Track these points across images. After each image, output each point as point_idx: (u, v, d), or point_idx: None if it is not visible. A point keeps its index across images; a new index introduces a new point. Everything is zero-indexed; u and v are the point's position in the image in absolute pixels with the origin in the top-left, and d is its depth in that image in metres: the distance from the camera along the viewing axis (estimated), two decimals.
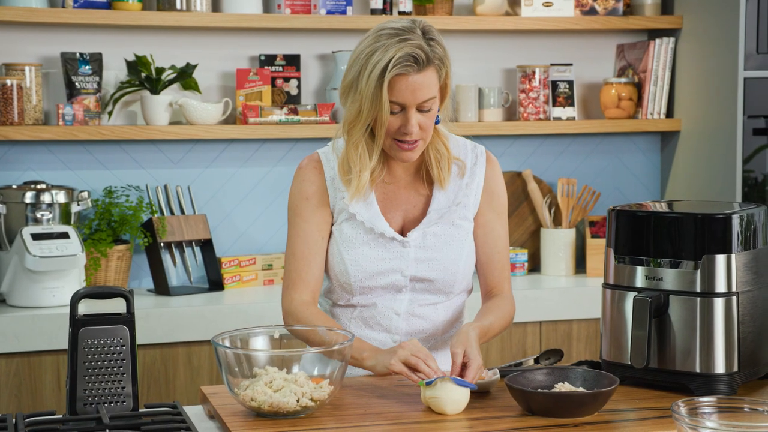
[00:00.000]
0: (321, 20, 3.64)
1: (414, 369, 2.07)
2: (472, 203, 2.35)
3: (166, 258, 3.59)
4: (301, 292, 2.31)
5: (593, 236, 3.86)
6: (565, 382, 2.06)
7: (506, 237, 2.39)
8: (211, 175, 3.72)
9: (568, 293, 3.62)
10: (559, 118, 3.93)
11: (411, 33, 2.17)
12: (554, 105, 3.93)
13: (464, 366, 2.09)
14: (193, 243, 3.64)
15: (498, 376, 2.14)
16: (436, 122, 2.28)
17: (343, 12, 3.67)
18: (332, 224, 2.33)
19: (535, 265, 3.94)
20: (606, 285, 2.21)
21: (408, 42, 2.15)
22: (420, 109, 2.20)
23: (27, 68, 3.46)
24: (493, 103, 3.87)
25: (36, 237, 3.25)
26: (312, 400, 1.96)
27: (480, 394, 2.12)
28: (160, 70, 3.56)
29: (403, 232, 2.33)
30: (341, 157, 2.29)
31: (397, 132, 2.21)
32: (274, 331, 2.15)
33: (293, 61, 3.74)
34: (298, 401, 1.95)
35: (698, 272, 2.09)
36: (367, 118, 2.20)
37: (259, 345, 2.12)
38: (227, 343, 2.06)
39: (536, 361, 2.37)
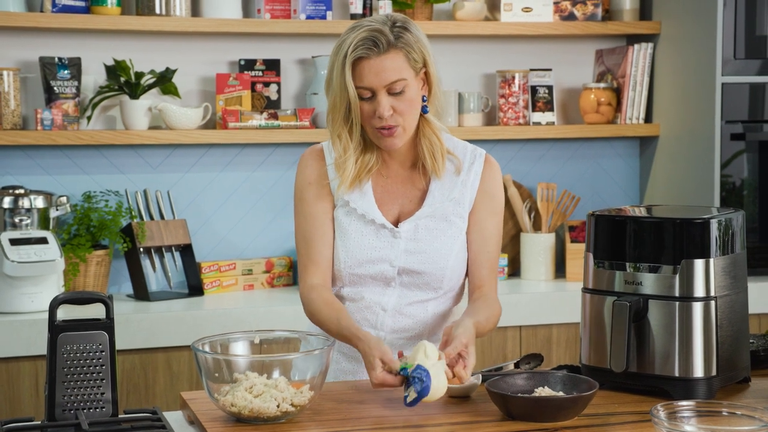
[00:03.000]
0: (301, 25, 3.64)
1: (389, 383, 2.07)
2: (467, 201, 2.36)
3: (146, 263, 3.58)
4: (312, 275, 2.32)
5: (573, 241, 3.87)
6: (545, 387, 2.07)
7: (498, 239, 2.39)
8: (190, 179, 3.71)
9: (548, 298, 3.63)
10: (538, 123, 3.94)
11: (376, 23, 2.23)
12: (534, 110, 3.94)
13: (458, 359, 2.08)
14: (173, 248, 3.63)
15: (479, 380, 2.15)
16: (425, 112, 2.30)
17: (323, 17, 3.67)
18: (334, 207, 2.34)
19: (515, 270, 3.94)
20: (585, 289, 2.22)
21: (366, 28, 2.21)
22: (390, 92, 2.23)
23: (5, 73, 3.45)
24: (473, 108, 3.88)
25: (14, 242, 3.23)
26: (292, 405, 1.96)
27: (460, 398, 2.13)
28: (139, 75, 3.55)
29: (396, 224, 2.34)
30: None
31: (373, 118, 2.24)
32: (255, 336, 2.14)
33: (273, 65, 3.74)
34: (278, 406, 1.94)
35: (677, 277, 2.10)
36: (340, 107, 2.24)
37: (239, 350, 2.12)
38: (207, 348, 2.06)
39: (516, 365, 2.38)
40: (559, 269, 3.93)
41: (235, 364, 2.00)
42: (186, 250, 3.63)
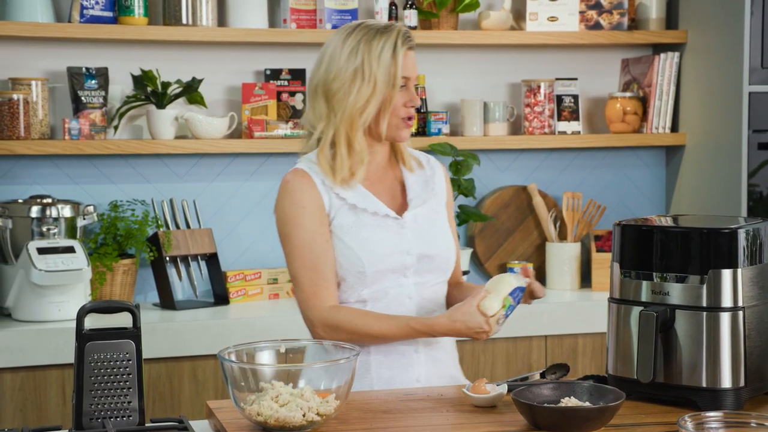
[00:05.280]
0: (326, 35, 3.64)
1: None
2: (440, 195, 2.49)
3: (172, 272, 3.59)
4: (325, 299, 2.34)
5: (598, 250, 3.86)
6: (572, 397, 2.06)
7: (454, 233, 2.52)
8: (216, 189, 3.72)
9: (574, 307, 3.61)
10: (564, 132, 3.94)
11: (390, 22, 2.45)
12: (559, 119, 3.94)
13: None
14: (199, 257, 3.65)
15: (505, 390, 2.14)
16: None
17: None
18: (330, 225, 2.36)
19: (540, 279, 3.92)
20: (612, 299, 2.21)
21: (397, 25, 2.38)
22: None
23: (33, 83, 3.47)
24: (498, 117, 3.88)
25: (42, 251, 3.25)
26: (318, 414, 1.96)
27: (486, 408, 2.12)
28: (165, 85, 3.57)
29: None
30: (332, 153, 2.37)
31: (403, 107, 2.36)
32: (281, 346, 2.14)
33: (299, 75, 3.75)
34: (304, 416, 1.94)
35: (704, 287, 2.09)
36: (380, 98, 2.33)
37: (265, 359, 2.12)
38: (233, 357, 2.06)
39: (542, 375, 2.37)
40: (585, 279, 3.91)
41: (261, 373, 2.00)
42: (212, 259, 3.65)
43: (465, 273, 3.62)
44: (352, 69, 2.33)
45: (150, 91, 3.56)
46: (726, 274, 2.08)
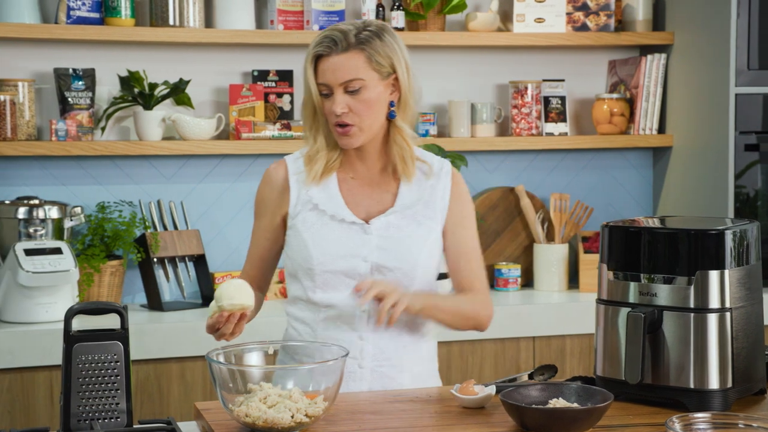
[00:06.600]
0: (314, 36, 3.63)
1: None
2: (439, 207, 2.39)
3: (159, 273, 3.59)
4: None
5: (586, 251, 3.87)
6: (560, 398, 2.06)
7: (473, 240, 2.43)
8: (204, 190, 3.72)
9: (561, 308, 3.62)
10: (551, 134, 3.94)
11: (345, 25, 2.33)
12: (546, 120, 3.94)
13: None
14: (186, 258, 3.64)
15: (493, 391, 2.15)
16: (392, 116, 2.35)
17: None
18: (284, 221, 2.40)
19: (528, 281, 3.94)
20: (600, 301, 2.22)
21: (331, 28, 2.33)
22: (347, 91, 2.30)
23: (20, 84, 3.46)
24: (486, 118, 3.88)
25: (29, 252, 3.24)
26: (306, 416, 1.96)
27: (474, 409, 2.12)
28: (153, 86, 3.56)
29: (367, 222, 2.37)
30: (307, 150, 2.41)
31: (331, 115, 2.32)
32: (269, 347, 2.15)
33: (286, 76, 3.75)
34: (292, 417, 1.94)
35: (692, 288, 2.10)
36: (308, 102, 2.34)
37: (254, 361, 2.12)
38: (222, 358, 2.06)
39: (530, 376, 2.37)
40: (572, 280, 3.92)
41: (249, 374, 2.00)
42: (199, 261, 3.64)
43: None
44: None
45: (137, 93, 3.56)
46: (713, 275, 2.09)
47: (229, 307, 2.13)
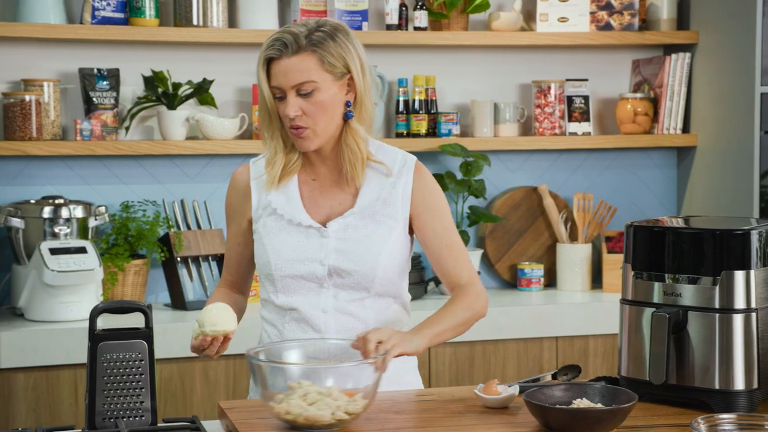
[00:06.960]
0: None
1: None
2: (400, 203, 2.35)
3: (183, 272, 3.60)
4: (222, 285, 2.50)
5: (610, 251, 3.85)
6: (584, 398, 2.05)
7: (450, 231, 2.38)
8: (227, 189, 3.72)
9: (585, 309, 3.61)
10: (574, 133, 3.93)
11: (297, 26, 2.29)
12: (570, 120, 3.93)
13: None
14: (210, 257, 3.65)
15: (516, 391, 2.14)
16: (348, 117, 2.31)
17: (359, 28, 3.68)
18: (251, 224, 2.40)
19: (551, 281, 3.93)
20: (624, 301, 2.21)
21: (282, 30, 2.29)
22: (300, 93, 2.27)
23: (45, 84, 3.48)
24: (509, 118, 3.88)
25: (54, 252, 3.26)
26: (346, 413, 1.97)
27: (498, 409, 2.12)
28: (176, 86, 3.57)
29: (325, 225, 2.34)
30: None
31: (285, 118, 2.30)
32: (308, 345, 2.16)
33: None
34: (332, 414, 1.95)
35: (717, 288, 2.09)
36: (263, 106, 2.31)
37: (293, 358, 2.13)
38: (262, 356, 2.06)
39: (554, 377, 2.37)
40: (596, 280, 3.91)
41: (290, 372, 2.00)
42: (222, 260, 3.64)
43: None
44: None
45: (161, 92, 3.57)
46: (739, 275, 2.08)
47: (212, 333, 2.16)
